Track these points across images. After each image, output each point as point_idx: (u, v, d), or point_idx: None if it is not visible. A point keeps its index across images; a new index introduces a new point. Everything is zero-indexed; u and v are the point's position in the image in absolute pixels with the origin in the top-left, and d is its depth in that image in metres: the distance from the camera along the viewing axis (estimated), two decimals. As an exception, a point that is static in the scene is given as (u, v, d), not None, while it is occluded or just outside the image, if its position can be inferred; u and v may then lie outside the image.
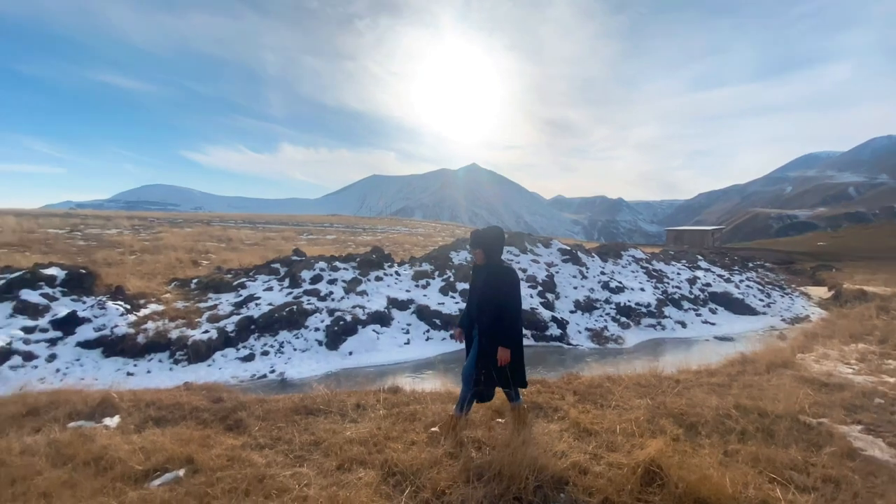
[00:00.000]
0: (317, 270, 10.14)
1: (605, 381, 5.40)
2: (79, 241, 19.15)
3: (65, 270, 8.21)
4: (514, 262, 12.10)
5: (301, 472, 2.97)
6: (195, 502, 2.60)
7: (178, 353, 7.30)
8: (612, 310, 11.17)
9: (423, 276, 10.94)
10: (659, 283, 13.06)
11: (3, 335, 6.63)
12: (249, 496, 2.62)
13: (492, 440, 3.36)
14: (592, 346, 9.70)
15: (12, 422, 3.85)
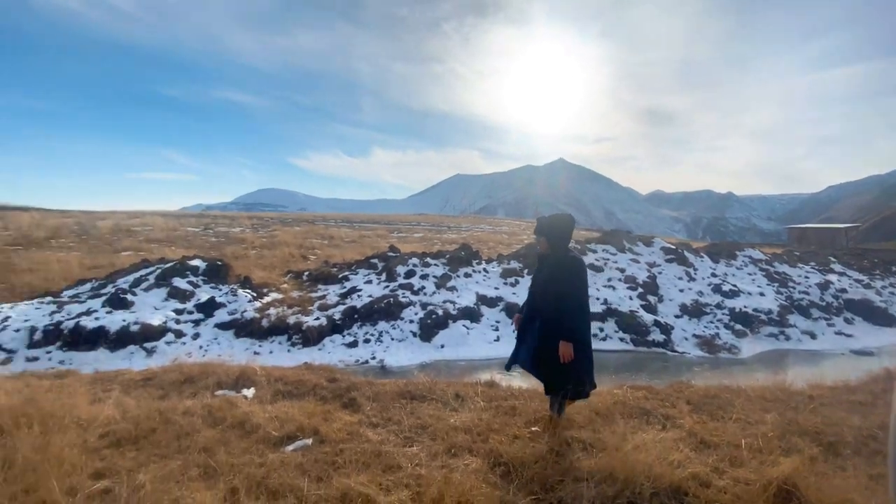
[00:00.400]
0: (410, 266, 10.62)
1: (722, 392, 4.94)
2: (211, 238, 22.20)
3: (205, 262, 9.61)
4: (610, 262, 11.52)
5: (412, 451, 3.17)
6: (324, 468, 2.91)
7: (295, 336, 8.15)
8: (725, 315, 10.10)
9: (511, 273, 10.89)
10: (782, 287, 11.50)
11: (161, 316, 7.97)
12: (369, 469, 2.86)
13: (599, 442, 3.27)
14: (701, 354, 8.88)
15: (173, 387, 4.62)
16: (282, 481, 2.70)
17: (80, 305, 7.85)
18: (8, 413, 3.40)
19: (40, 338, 7.03)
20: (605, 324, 9.53)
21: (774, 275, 12.08)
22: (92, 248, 16.23)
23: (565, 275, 3.21)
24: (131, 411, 3.72)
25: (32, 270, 10.99)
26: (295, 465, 2.93)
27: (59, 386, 4.59)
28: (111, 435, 3.31)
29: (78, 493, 2.52)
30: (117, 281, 8.78)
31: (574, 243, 12.22)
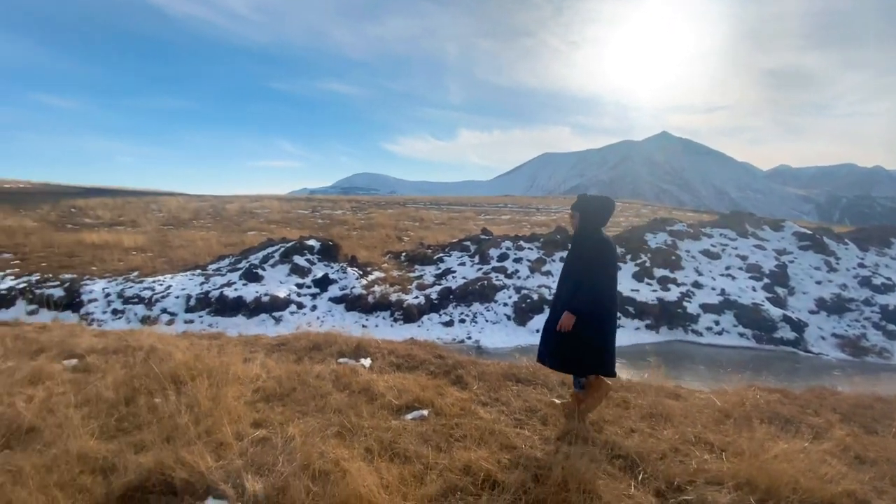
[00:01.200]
0: (503, 249, 10.61)
1: (876, 402, 4.27)
2: (318, 220, 24.29)
3: (319, 242, 10.57)
4: (729, 248, 10.36)
5: (524, 433, 3.24)
6: (442, 438, 3.11)
7: (397, 313, 8.68)
8: (875, 314, 8.58)
9: (613, 258, 10.34)
10: (962, 283, 9.39)
11: (285, 289, 8.99)
12: (486, 445, 2.99)
13: (728, 446, 3.04)
14: (842, 356, 7.69)
15: (303, 352, 5.22)
16: (407, 447, 2.95)
17: (221, 278, 9.16)
18: (184, 367, 4.13)
19: (194, 304, 8.38)
20: (722, 316, 8.67)
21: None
22: (224, 228, 18.75)
23: (588, 253, 3.12)
24: (273, 371, 4.30)
25: (183, 247, 13.07)
26: (416, 434, 3.16)
27: (216, 346, 5.44)
28: (261, 391, 3.85)
29: (244, 439, 3.00)
30: (249, 257, 10.07)
31: (685, 227, 11.19)
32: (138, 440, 3.06)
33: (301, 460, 2.64)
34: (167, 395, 3.72)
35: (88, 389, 3.74)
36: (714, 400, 3.93)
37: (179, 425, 3.19)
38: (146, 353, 4.60)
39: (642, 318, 8.74)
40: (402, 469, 2.63)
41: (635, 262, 10.11)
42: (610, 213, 3.30)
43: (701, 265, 9.84)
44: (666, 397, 4.03)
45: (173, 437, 3.06)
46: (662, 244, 10.43)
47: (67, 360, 4.69)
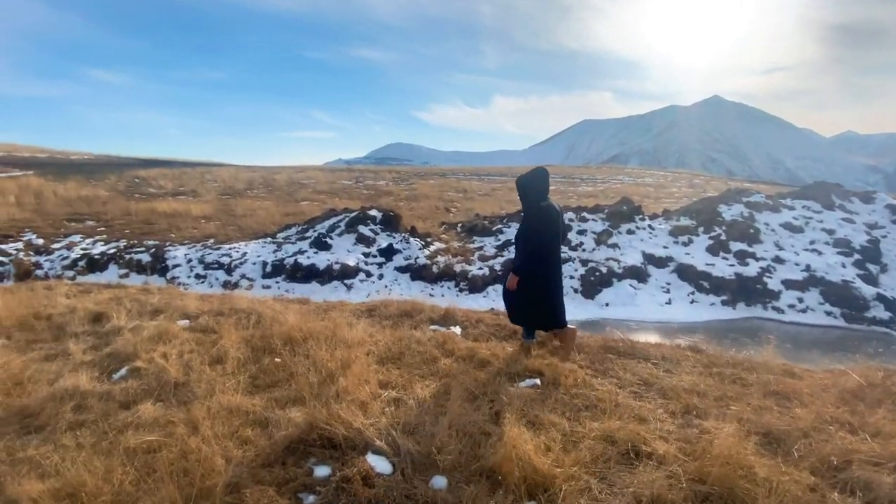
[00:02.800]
0: (565, 221, 10.36)
1: None
2: (363, 191, 24.57)
3: (381, 213, 10.70)
4: (813, 221, 9.70)
5: (648, 406, 3.21)
6: (567, 408, 3.14)
7: (462, 283, 8.75)
8: None
9: (683, 231, 9.92)
10: None
11: (353, 258, 9.21)
12: (620, 416, 2.98)
13: (867, 426, 2.90)
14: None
15: (395, 319, 5.36)
16: (537, 414, 3.00)
17: (292, 246, 9.49)
18: (296, 330, 4.34)
19: (270, 270, 8.75)
20: (806, 293, 8.22)
21: None
22: (279, 198, 19.30)
23: (527, 222, 3.62)
24: (376, 336, 4.44)
25: (247, 215, 13.59)
26: (540, 401, 3.20)
27: (311, 311, 5.67)
28: (372, 354, 3.99)
29: (377, 399, 3.14)
30: (316, 227, 10.34)
31: (763, 198, 10.52)
32: (278, 396, 3.26)
33: (447, 421, 2.73)
34: (289, 355, 3.94)
35: (216, 349, 3.99)
36: (838, 379, 3.75)
37: (313, 383, 3.37)
38: (257, 317, 4.86)
39: (718, 294, 8.41)
40: (543, 435, 2.68)
41: (708, 234, 9.66)
42: (542, 180, 3.70)
43: (782, 239, 9.29)
44: (783, 376, 3.88)
45: (313, 394, 3.24)
46: (738, 216, 9.88)
47: (181, 320, 5.02)
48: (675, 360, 4.29)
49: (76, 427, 2.83)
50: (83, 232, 11.07)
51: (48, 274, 9.01)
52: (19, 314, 4.90)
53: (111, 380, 3.53)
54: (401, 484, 2.25)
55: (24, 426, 2.86)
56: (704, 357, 4.44)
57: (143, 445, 2.62)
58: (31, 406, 3.02)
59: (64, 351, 4.01)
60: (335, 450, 2.55)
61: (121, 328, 4.50)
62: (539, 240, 3.60)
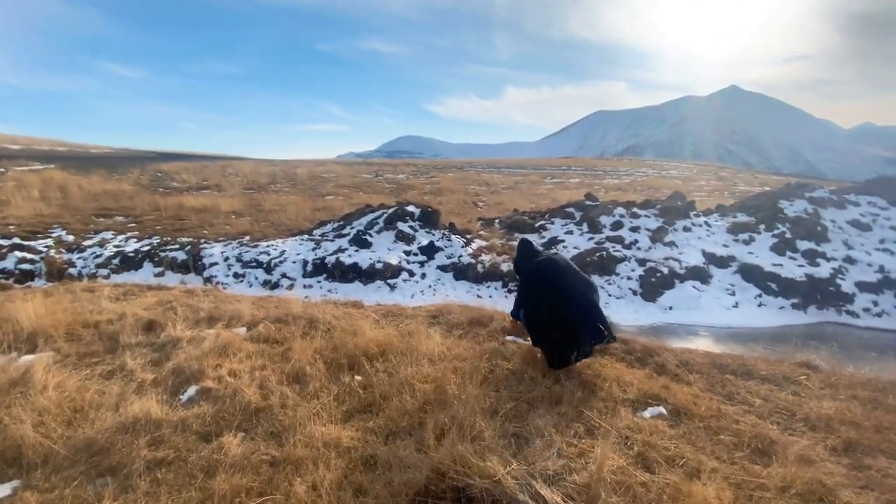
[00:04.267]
0: (616, 217, 9.82)
1: None
2: (385, 184, 24.16)
3: (419, 209, 10.25)
4: (881, 218, 9.01)
5: (802, 443, 2.74)
6: (710, 445, 2.67)
7: (511, 284, 8.29)
8: None
9: (743, 228, 9.31)
10: None
11: (395, 256, 8.79)
12: (771, 457, 2.52)
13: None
14: None
15: (463, 327, 4.91)
16: (690, 455, 2.54)
17: (331, 243, 9.10)
18: (373, 343, 3.93)
19: (311, 269, 8.38)
20: (881, 296, 7.61)
21: None
22: (304, 192, 18.97)
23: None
24: (455, 349, 4.01)
25: (277, 211, 13.25)
26: (682, 438, 2.75)
27: (367, 316, 5.27)
28: (459, 372, 3.56)
29: (493, 432, 2.70)
30: (353, 223, 9.94)
31: (827, 193, 9.83)
32: (373, 426, 2.85)
33: (595, 468, 2.29)
34: (371, 371, 3.53)
35: (290, 366, 3.60)
36: None
37: (410, 411, 2.96)
38: (325, 326, 4.47)
39: (787, 297, 7.83)
40: (711, 486, 2.23)
41: (771, 232, 9.04)
42: (523, 249, 4.14)
43: (850, 237, 8.64)
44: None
45: (413, 425, 2.82)
46: (802, 213, 9.23)
47: (239, 328, 4.65)
48: (795, 379, 3.80)
49: (156, 467, 2.45)
50: (113, 228, 10.82)
51: (81, 273, 8.76)
52: (65, 322, 4.56)
53: (180, 402, 3.15)
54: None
55: (95, 466, 2.47)
56: (823, 375, 3.95)
57: (238, 491, 2.23)
58: (98, 440, 2.63)
59: (121, 367, 3.64)
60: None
61: (178, 339, 4.14)
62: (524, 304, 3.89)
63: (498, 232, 10.61)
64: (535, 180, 30.07)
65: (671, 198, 10.43)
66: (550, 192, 21.87)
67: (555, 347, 3.50)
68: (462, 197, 19.64)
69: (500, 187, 24.76)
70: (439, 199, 18.75)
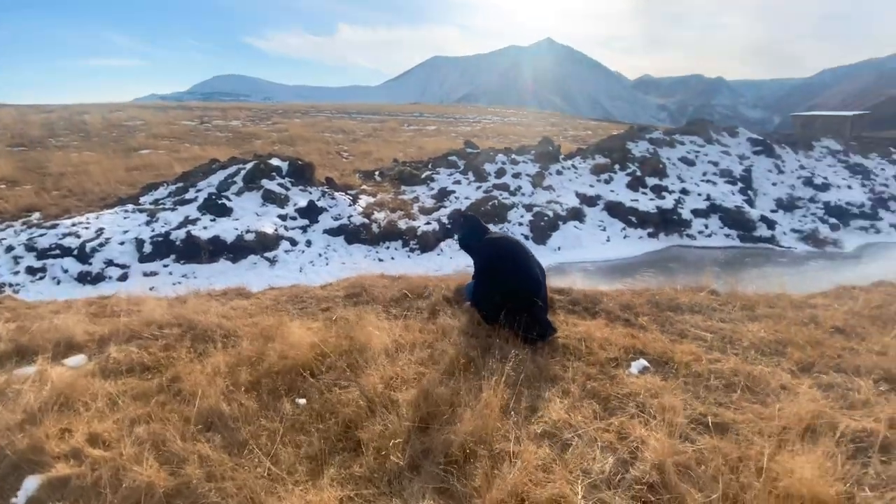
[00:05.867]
0: (498, 164, 9.83)
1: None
2: (218, 133, 20.24)
3: (286, 162, 8.59)
4: (701, 154, 10.92)
5: (768, 371, 2.95)
6: (713, 394, 2.66)
7: (411, 242, 7.67)
8: (819, 210, 10.00)
9: (603, 169, 10.27)
10: (866, 179, 11.35)
11: (269, 223, 7.26)
12: (767, 395, 2.63)
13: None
14: (808, 248, 8.91)
15: (403, 303, 4.20)
16: (711, 412, 2.45)
17: (173, 214, 7.03)
18: (309, 350, 2.98)
19: (151, 250, 6.34)
20: (709, 220, 9.33)
21: (855, 166, 11.84)
22: (105, 146, 14.52)
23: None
24: (407, 336, 3.34)
25: (71, 174, 9.70)
26: (675, 391, 2.66)
27: (262, 307, 4.13)
28: (430, 363, 2.95)
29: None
30: (197, 184, 7.82)
31: (661, 135, 11.46)
32: (370, 474, 2.07)
33: (653, 456, 1.98)
34: (317, 394, 2.65)
35: (190, 407, 2.47)
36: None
37: (399, 434, 2.25)
38: (220, 332, 3.24)
39: (644, 227, 9.01)
40: (757, 445, 2.16)
41: (625, 172, 10.18)
42: (471, 226, 3.84)
43: (682, 172, 10.31)
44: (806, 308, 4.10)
45: (417, 456, 2.14)
46: (646, 153, 10.60)
47: (72, 358, 3.13)
48: (713, 307, 4.20)
49: None
50: None
51: None
52: None
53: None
54: None
55: None
56: (725, 298, 4.47)
57: None
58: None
59: None
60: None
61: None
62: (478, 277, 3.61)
63: (383, 185, 9.69)
64: (394, 127, 28.99)
65: (542, 143, 10.88)
66: (414, 140, 21.25)
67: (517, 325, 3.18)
68: (321, 146, 17.68)
69: (359, 135, 23.15)
70: (294, 149, 16.45)
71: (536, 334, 3.28)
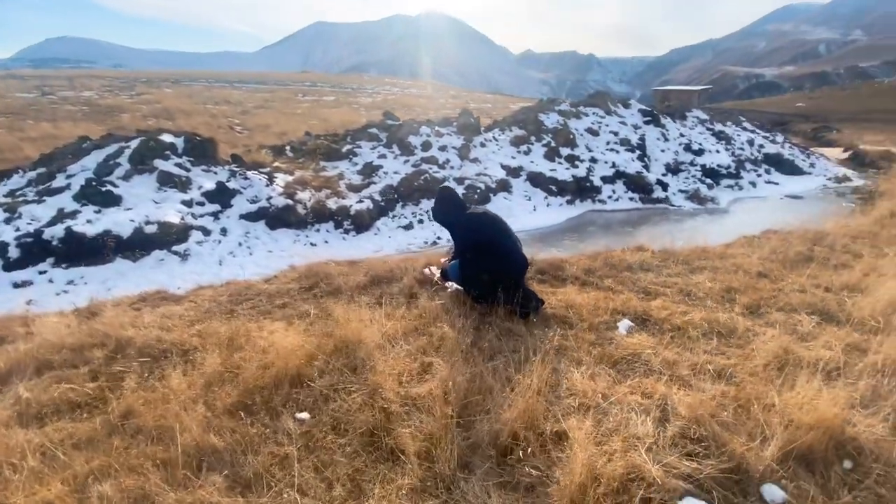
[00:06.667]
0: (423, 136, 9.55)
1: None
2: (69, 107, 16.67)
3: (180, 137, 7.32)
4: (602, 125, 11.82)
5: (728, 316, 3.32)
6: (713, 347, 2.89)
7: (345, 223, 7.16)
8: (698, 172, 11.56)
9: (521, 141, 10.58)
10: (728, 144, 13.36)
11: (172, 210, 6.17)
12: (745, 339, 2.95)
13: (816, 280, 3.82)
14: (694, 206, 10.28)
15: (375, 289, 3.87)
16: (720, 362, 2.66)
17: (40, 206, 5.58)
18: (305, 349, 2.57)
19: (19, 255, 4.98)
20: (615, 185, 10.23)
21: (719, 133, 13.87)
22: None
23: (460, 240, 3.50)
24: (393, 325, 3.10)
25: None
26: (668, 347, 2.86)
27: (201, 312, 3.53)
28: (432, 352, 2.78)
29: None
30: (67, 168, 6.29)
31: (568, 107, 12.11)
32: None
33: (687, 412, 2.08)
34: (316, 396, 2.33)
35: (168, 451, 2.00)
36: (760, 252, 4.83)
37: (435, 436, 2.07)
38: (155, 349, 2.64)
39: (563, 195, 9.57)
40: (755, 386, 2.39)
41: (541, 143, 10.62)
42: (448, 199, 3.50)
43: (590, 142, 11.08)
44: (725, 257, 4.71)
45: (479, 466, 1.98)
46: (557, 124, 11.15)
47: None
48: (657, 265, 4.61)
49: None
50: None
51: None
52: None
53: None
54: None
55: None
56: (663, 255, 4.94)
57: None
58: None
59: None
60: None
61: None
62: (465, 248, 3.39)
63: (298, 162, 8.81)
64: (287, 97, 26.67)
65: (462, 115, 10.82)
66: (314, 111, 19.79)
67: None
68: (208, 120, 15.59)
69: (248, 106, 20.90)
70: (175, 124, 14.22)
71: (528, 308, 3.27)
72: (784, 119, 37.78)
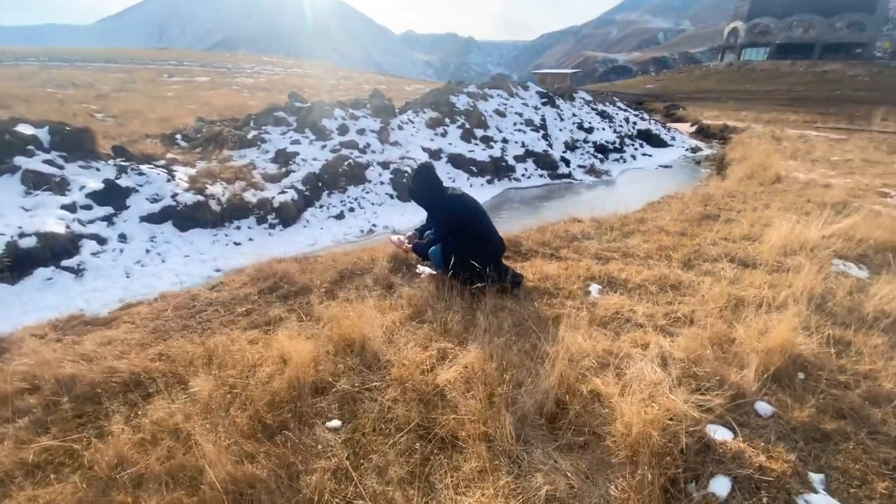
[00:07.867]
0: (339, 119, 9.06)
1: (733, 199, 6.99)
2: None
3: (42, 128, 5.95)
4: (508, 107, 12.38)
5: (669, 271, 3.84)
6: (652, 298, 3.33)
7: (269, 217, 6.55)
8: (591, 148, 12.82)
9: (437, 123, 10.64)
10: (610, 122, 14.98)
11: (52, 218, 5.04)
12: (674, 289, 3.45)
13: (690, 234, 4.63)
14: (592, 179, 11.40)
15: (351, 281, 3.65)
16: (674, 313, 3.06)
17: None
18: (310, 354, 2.36)
19: None
20: (527, 164, 10.88)
21: (603, 113, 15.46)
22: None
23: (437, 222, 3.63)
24: (389, 315, 3.03)
25: None
26: (640, 304, 3.24)
27: (153, 333, 3.07)
28: (438, 335, 2.79)
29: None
30: None
31: (476, 89, 12.42)
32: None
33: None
34: (336, 400, 2.23)
35: (206, 485, 1.76)
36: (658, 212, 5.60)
37: (470, 431, 2.12)
38: (125, 377, 2.23)
39: (483, 175, 9.91)
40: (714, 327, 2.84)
41: (455, 124, 10.79)
42: (428, 177, 3.46)
43: (499, 123, 11.56)
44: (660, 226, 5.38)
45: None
46: (468, 106, 11.40)
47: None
48: (593, 233, 5.10)
49: None
50: None
51: None
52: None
53: None
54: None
55: None
56: (595, 224, 5.48)
57: None
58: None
59: None
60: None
61: None
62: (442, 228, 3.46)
63: (195, 152, 7.75)
64: (151, 78, 23.17)
65: (373, 97, 10.47)
66: (190, 94, 17.44)
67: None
68: (56, 107, 12.84)
69: (105, 89, 17.76)
70: (10, 113, 11.42)
71: (515, 283, 3.42)
72: (640, 99, 43.35)
